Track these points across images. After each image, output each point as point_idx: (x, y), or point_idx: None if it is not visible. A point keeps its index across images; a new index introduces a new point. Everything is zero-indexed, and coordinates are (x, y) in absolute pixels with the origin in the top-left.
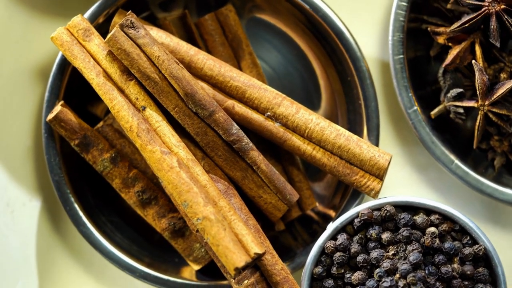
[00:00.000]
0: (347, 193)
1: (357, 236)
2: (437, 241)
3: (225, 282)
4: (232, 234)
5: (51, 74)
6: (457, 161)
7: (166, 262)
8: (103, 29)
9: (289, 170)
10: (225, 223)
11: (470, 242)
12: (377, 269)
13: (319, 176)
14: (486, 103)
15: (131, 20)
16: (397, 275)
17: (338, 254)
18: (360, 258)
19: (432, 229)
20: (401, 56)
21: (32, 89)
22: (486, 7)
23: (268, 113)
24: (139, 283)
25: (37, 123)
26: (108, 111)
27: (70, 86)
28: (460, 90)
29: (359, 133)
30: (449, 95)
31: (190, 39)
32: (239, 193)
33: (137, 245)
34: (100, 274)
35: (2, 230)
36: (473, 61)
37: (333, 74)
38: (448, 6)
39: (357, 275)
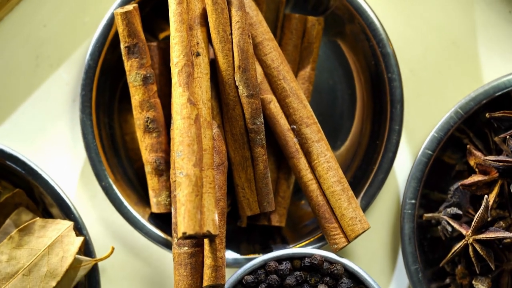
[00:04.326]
0: (315, 232)
1: (298, 272)
2: None
3: (167, 238)
4: (200, 203)
5: None
6: (419, 266)
7: (132, 189)
8: None
9: (280, 183)
10: (201, 191)
11: None
12: None
13: (301, 204)
14: (474, 237)
15: None
16: None
17: (274, 276)
18: None
19: None
20: (431, 152)
21: None
22: None
23: (294, 127)
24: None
25: (103, 9)
26: (168, 37)
27: None
28: (460, 212)
29: (356, 192)
30: (448, 210)
31: (272, 25)
32: (228, 174)
33: (118, 160)
34: (84, 168)
35: (17, 74)
36: (486, 196)
37: (367, 130)
38: (495, 138)
39: None
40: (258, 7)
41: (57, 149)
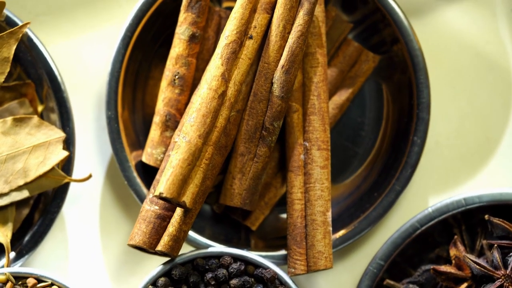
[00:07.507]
0: (281, 250)
1: (248, 278)
2: None
3: (144, 190)
4: (189, 173)
5: None
6: None
7: (134, 130)
8: None
9: (269, 189)
10: (194, 163)
11: None
12: None
13: (280, 217)
14: None
15: None
16: None
17: (224, 271)
18: None
19: None
20: (419, 226)
21: None
22: (500, 280)
23: (307, 144)
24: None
25: None
26: (230, 8)
27: None
28: None
29: (335, 229)
30: (411, 286)
31: (330, 43)
32: (225, 159)
33: (132, 97)
34: (99, 91)
35: None
36: None
37: (371, 178)
38: (484, 241)
39: None
40: (326, 20)
41: (83, 61)
